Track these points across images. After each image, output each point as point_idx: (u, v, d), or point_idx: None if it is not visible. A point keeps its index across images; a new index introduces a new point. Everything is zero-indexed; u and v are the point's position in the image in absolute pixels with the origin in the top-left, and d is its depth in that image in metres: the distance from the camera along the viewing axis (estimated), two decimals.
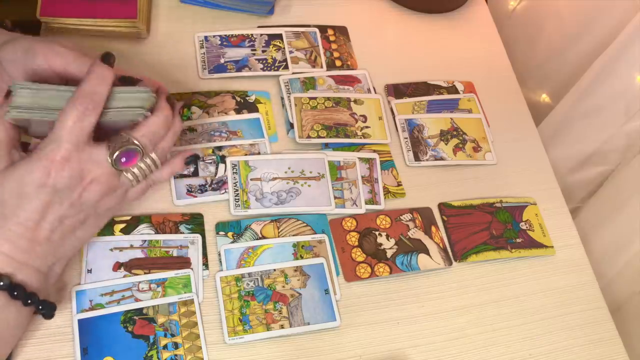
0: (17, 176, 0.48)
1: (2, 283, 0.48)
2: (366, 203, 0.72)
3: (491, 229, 0.73)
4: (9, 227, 0.48)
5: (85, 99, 0.48)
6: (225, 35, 0.80)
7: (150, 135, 0.52)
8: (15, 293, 0.48)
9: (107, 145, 0.50)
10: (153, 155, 0.53)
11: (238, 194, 0.68)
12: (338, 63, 0.82)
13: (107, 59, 0.51)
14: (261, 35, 0.81)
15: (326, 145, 0.75)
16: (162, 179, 0.56)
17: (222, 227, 0.66)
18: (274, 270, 0.65)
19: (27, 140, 0.54)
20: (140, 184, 0.54)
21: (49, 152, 0.48)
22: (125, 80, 0.53)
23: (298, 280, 0.65)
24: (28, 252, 0.49)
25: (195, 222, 0.66)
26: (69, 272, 0.60)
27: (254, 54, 0.79)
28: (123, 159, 0.51)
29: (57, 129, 0.48)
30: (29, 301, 0.49)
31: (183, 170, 0.60)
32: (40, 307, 0.51)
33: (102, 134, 0.51)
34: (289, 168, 0.71)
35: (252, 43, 0.80)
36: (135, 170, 0.52)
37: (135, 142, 0.51)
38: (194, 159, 0.62)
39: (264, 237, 0.67)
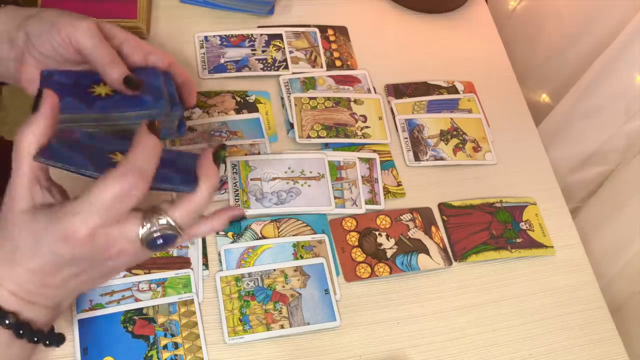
0: (34, 228, 0.43)
1: (7, 322, 0.44)
2: (366, 203, 0.72)
3: (491, 229, 0.73)
4: (18, 271, 0.44)
5: (135, 176, 0.42)
6: (225, 35, 0.80)
7: (194, 213, 0.46)
8: (21, 332, 0.45)
9: (141, 221, 0.44)
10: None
11: (238, 194, 0.68)
12: (338, 63, 0.82)
13: (152, 126, 0.44)
14: (261, 35, 0.81)
15: (326, 145, 0.75)
16: (196, 237, 0.51)
17: None
18: (274, 270, 0.65)
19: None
20: None
21: (74, 223, 0.42)
22: (129, 84, 0.51)
23: (298, 280, 0.65)
24: (35, 295, 0.45)
25: None
26: None
27: (254, 54, 0.79)
28: (159, 242, 0.45)
29: (91, 197, 0.42)
30: (35, 339, 0.46)
31: (223, 229, 0.51)
32: (47, 343, 0.47)
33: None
34: (289, 168, 0.71)
35: (252, 43, 0.80)
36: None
37: (174, 225, 0.44)
38: (241, 219, 0.50)
39: (264, 237, 0.67)
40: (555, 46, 0.91)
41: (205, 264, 0.64)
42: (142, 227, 0.44)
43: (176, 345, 0.59)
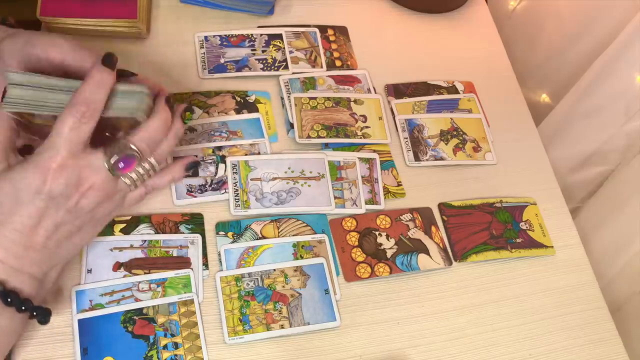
0: (12, 181, 0.47)
1: None
2: (366, 203, 0.72)
3: (491, 229, 0.73)
4: (4, 233, 0.47)
5: (83, 106, 0.47)
6: (225, 35, 0.80)
7: (148, 139, 0.51)
8: (9, 300, 0.47)
9: (104, 151, 0.49)
10: (152, 159, 0.52)
11: (238, 194, 0.68)
12: (338, 63, 0.82)
13: (109, 60, 0.49)
14: (261, 35, 0.81)
15: (326, 145, 0.75)
16: (161, 186, 0.55)
17: (222, 227, 0.66)
18: (274, 270, 0.65)
19: (27, 142, 0.53)
20: (138, 189, 0.53)
21: (45, 159, 0.47)
22: (120, 74, 0.52)
23: (298, 280, 0.65)
24: (22, 259, 0.48)
25: (195, 222, 0.66)
26: (69, 272, 0.60)
27: (254, 54, 0.79)
28: (121, 165, 0.50)
29: (53, 136, 0.47)
30: (23, 308, 0.48)
31: (183, 177, 0.59)
32: (34, 313, 0.50)
33: (99, 135, 0.50)
34: (289, 168, 0.71)
35: (252, 43, 0.80)
36: (133, 175, 0.51)
37: (133, 147, 0.50)
38: (194, 166, 0.59)
39: (264, 237, 0.67)
40: (555, 46, 0.91)
41: (205, 264, 0.64)
42: (106, 154, 0.49)
43: (176, 345, 0.59)
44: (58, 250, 0.50)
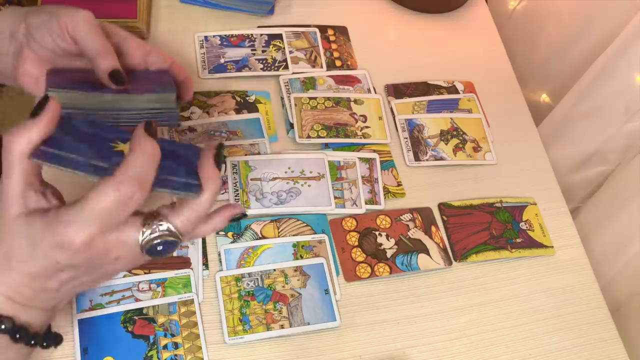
0: (30, 234, 0.42)
1: (3, 327, 0.43)
2: (366, 203, 0.72)
3: (491, 229, 0.73)
4: (16, 277, 0.43)
5: (133, 185, 0.40)
6: (225, 35, 0.80)
7: (195, 220, 0.44)
8: (18, 336, 0.44)
9: (140, 227, 0.43)
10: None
11: (238, 194, 0.68)
12: (338, 63, 0.82)
13: (149, 129, 0.43)
14: (261, 35, 0.81)
15: (326, 145, 0.75)
16: (198, 238, 0.50)
17: None
18: (274, 270, 0.65)
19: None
20: None
21: (70, 232, 0.41)
22: (114, 78, 0.50)
23: (298, 280, 0.65)
24: (32, 299, 0.45)
25: None
26: None
27: (254, 54, 0.79)
28: (159, 248, 0.44)
29: (87, 204, 0.40)
30: (32, 342, 0.45)
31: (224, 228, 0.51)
32: (44, 345, 0.47)
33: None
34: (289, 168, 0.71)
35: (252, 43, 0.80)
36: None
37: (175, 231, 0.43)
38: (240, 218, 0.48)
39: (264, 237, 0.67)
40: (555, 46, 0.91)
41: (205, 264, 0.64)
42: (142, 234, 0.43)
43: (176, 345, 0.59)
44: (72, 291, 0.47)
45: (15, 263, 0.43)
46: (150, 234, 0.43)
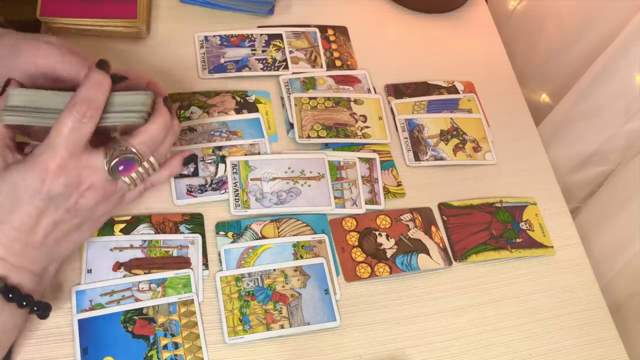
0: (11, 181, 0.47)
1: None
2: (366, 203, 0.72)
3: (491, 229, 0.73)
4: (3, 231, 0.47)
5: (83, 106, 0.47)
6: (225, 35, 0.80)
7: (149, 142, 0.51)
8: (10, 295, 0.48)
9: (104, 152, 0.49)
10: (151, 159, 0.52)
11: (238, 194, 0.68)
12: (338, 63, 0.82)
13: (103, 66, 0.49)
14: (261, 35, 0.81)
15: (326, 145, 0.75)
16: (161, 182, 0.55)
17: (222, 227, 0.66)
18: (274, 270, 0.65)
19: (23, 140, 0.53)
20: (137, 187, 0.53)
21: (44, 159, 0.46)
22: (115, 79, 0.51)
23: (298, 280, 0.65)
24: (22, 256, 0.49)
25: (195, 222, 0.66)
26: (69, 272, 0.60)
27: (254, 54, 0.79)
28: (120, 167, 0.50)
29: (53, 136, 0.47)
30: (24, 303, 0.49)
31: (181, 171, 0.58)
32: (35, 308, 0.50)
33: (99, 137, 0.50)
34: (289, 168, 0.71)
35: (252, 43, 0.80)
36: (133, 174, 0.51)
37: (134, 150, 0.50)
38: (192, 160, 0.59)
39: (264, 237, 0.67)
40: (555, 46, 0.91)
41: (205, 264, 0.64)
42: (106, 156, 0.49)
43: (176, 345, 0.59)
44: (57, 247, 0.51)
45: (1, 215, 0.47)
46: (112, 153, 0.49)
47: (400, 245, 0.69)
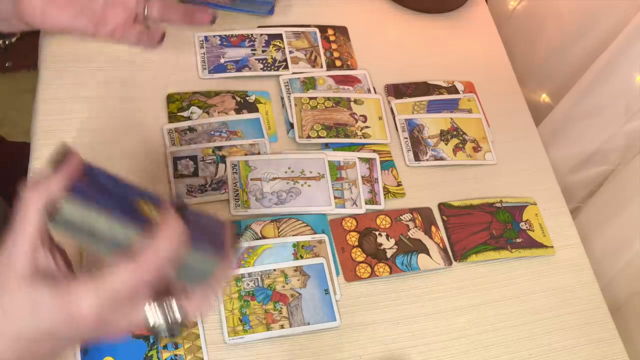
0: (33, 299, 0.38)
1: None
2: (366, 203, 0.72)
3: (491, 229, 0.73)
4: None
5: (152, 272, 0.39)
6: (225, 35, 0.80)
7: (201, 307, 0.43)
8: None
9: (152, 312, 0.42)
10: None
11: (238, 194, 0.68)
12: (338, 63, 0.82)
13: (182, 207, 0.41)
14: (261, 35, 0.81)
15: (326, 145, 0.75)
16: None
17: None
18: (274, 270, 0.65)
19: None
20: None
21: (81, 304, 0.38)
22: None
23: (298, 280, 0.65)
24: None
25: None
26: None
27: (254, 54, 0.79)
28: (163, 334, 0.42)
29: (103, 282, 0.38)
30: None
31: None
32: None
33: None
34: (289, 168, 0.71)
35: (252, 43, 0.80)
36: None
37: (184, 321, 0.42)
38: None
39: (264, 237, 0.67)
40: (555, 46, 0.91)
41: None
42: (151, 318, 0.41)
43: (176, 345, 0.59)
44: (57, 352, 0.43)
45: (6, 324, 0.39)
46: (163, 319, 0.41)
47: (400, 245, 0.69)
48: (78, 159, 0.41)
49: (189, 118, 0.72)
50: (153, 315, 0.41)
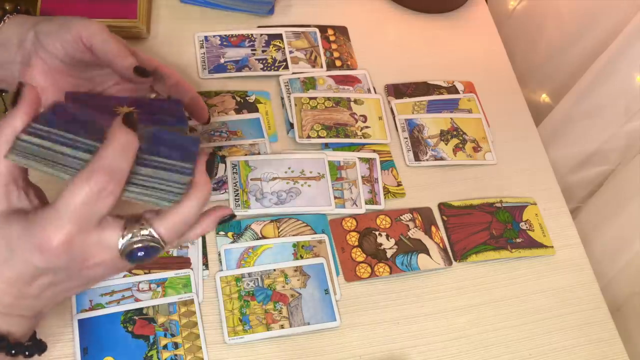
0: (7, 238, 0.40)
1: None
2: (366, 203, 0.72)
3: (491, 229, 0.73)
4: None
5: (105, 176, 0.38)
6: (225, 35, 0.80)
7: (179, 226, 0.42)
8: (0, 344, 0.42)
9: (121, 229, 0.41)
10: (176, 242, 0.44)
11: (238, 194, 0.68)
12: (338, 63, 0.82)
13: (131, 120, 0.40)
14: (261, 35, 0.81)
15: (326, 145, 0.75)
16: (186, 242, 0.49)
17: (222, 227, 0.66)
18: (274, 270, 0.65)
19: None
20: None
21: (46, 231, 0.39)
22: (139, 72, 0.47)
23: (298, 280, 0.65)
24: (12, 306, 0.42)
25: None
26: None
27: (254, 54, 0.79)
28: (140, 254, 0.41)
29: (62, 204, 0.38)
30: (13, 352, 0.43)
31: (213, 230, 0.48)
32: (27, 354, 0.45)
33: None
34: (289, 168, 0.71)
35: (252, 43, 0.80)
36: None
37: (158, 237, 0.41)
38: (229, 219, 0.47)
39: (264, 237, 0.67)
40: (555, 46, 0.91)
41: (205, 264, 0.64)
42: (122, 237, 0.40)
43: (176, 345, 0.59)
44: (54, 298, 0.44)
45: None
46: (132, 237, 0.41)
47: (400, 245, 0.69)
48: (34, 93, 0.41)
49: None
50: (126, 240, 0.40)
